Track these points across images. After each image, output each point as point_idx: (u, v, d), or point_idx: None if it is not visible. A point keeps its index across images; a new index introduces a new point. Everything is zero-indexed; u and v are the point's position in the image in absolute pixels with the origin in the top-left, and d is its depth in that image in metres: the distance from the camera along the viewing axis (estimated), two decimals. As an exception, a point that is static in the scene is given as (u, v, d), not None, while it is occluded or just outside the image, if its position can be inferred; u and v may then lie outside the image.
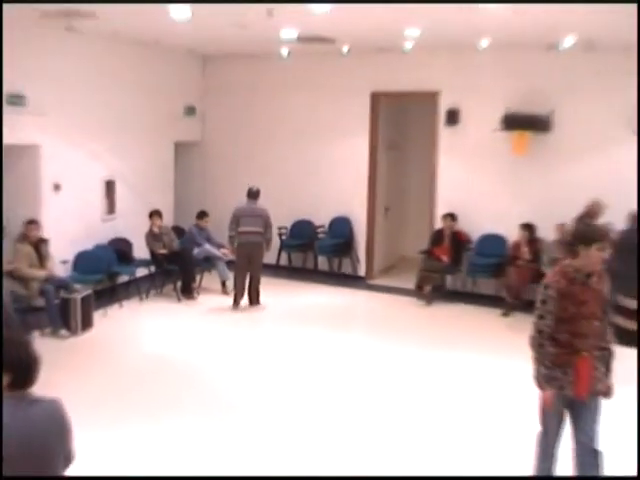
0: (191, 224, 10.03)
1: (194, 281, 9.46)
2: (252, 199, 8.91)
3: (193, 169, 11.45)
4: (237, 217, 8.83)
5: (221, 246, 9.69)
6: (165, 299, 9.27)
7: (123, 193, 9.61)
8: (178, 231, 10.16)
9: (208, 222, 9.88)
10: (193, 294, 9.31)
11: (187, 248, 9.54)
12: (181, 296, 9.20)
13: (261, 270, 9.06)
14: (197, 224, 9.86)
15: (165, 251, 9.30)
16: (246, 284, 8.92)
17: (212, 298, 9.35)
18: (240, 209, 8.89)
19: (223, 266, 9.59)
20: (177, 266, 9.25)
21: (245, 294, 8.95)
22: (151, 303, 9.10)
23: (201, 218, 9.86)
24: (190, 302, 9.15)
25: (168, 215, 10.21)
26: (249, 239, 8.78)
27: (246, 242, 8.79)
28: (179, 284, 9.32)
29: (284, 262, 10.82)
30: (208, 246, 9.67)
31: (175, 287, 9.29)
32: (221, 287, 9.57)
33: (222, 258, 9.61)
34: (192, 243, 9.67)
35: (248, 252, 8.81)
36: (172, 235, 9.66)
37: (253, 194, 8.92)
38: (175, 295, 9.22)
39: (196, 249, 9.59)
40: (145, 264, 9.46)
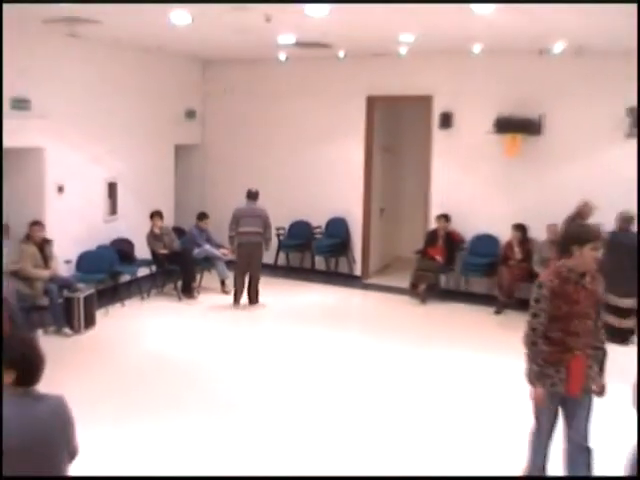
0: (191, 225, 10.11)
1: (194, 280, 9.55)
2: (251, 200, 9.01)
3: (193, 171, 11.52)
4: (237, 218, 8.93)
5: (221, 246, 9.80)
6: (166, 298, 9.35)
7: (125, 195, 9.68)
8: (179, 232, 10.23)
9: (208, 224, 9.96)
10: (193, 293, 9.41)
11: (187, 248, 9.63)
12: (182, 295, 9.31)
13: (260, 270, 9.16)
14: (197, 225, 9.95)
15: (166, 251, 9.39)
16: (246, 283, 9.03)
17: (212, 297, 9.44)
18: (240, 210, 8.99)
19: (222, 266, 9.70)
20: (178, 266, 9.35)
21: (245, 293, 9.07)
22: (152, 302, 9.18)
23: (201, 219, 9.95)
24: (190, 301, 9.25)
25: (169, 216, 10.29)
26: (249, 239, 8.88)
27: (246, 242, 8.89)
28: (180, 283, 9.41)
29: (282, 262, 10.90)
30: (208, 246, 9.76)
31: (176, 286, 9.39)
32: (220, 286, 9.66)
33: (221, 258, 9.70)
34: (192, 243, 9.76)
35: (248, 252, 8.90)
36: (173, 235, 9.75)
37: (252, 195, 9.02)
38: (176, 294, 9.32)
39: (196, 249, 9.67)
40: (146, 264, 9.56)
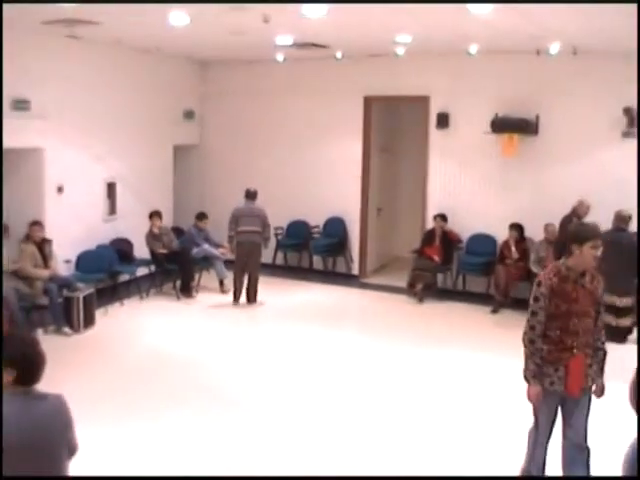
0: (190, 225, 10.15)
1: (193, 280, 9.58)
2: (250, 200, 9.07)
3: (192, 171, 11.55)
4: (236, 217, 8.99)
5: (219, 245, 9.84)
6: (165, 297, 9.39)
7: (124, 195, 9.72)
8: (177, 231, 10.27)
9: (207, 223, 10.00)
10: (192, 292, 9.45)
11: (186, 248, 9.67)
12: (180, 294, 9.35)
13: (259, 269, 9.21)
14: (196, 225, 9.98)
15: (165, 251, 9.43)
16: (244, 282, 9.07)
17: (210, 296, 9.48)
18: (239, 209, 9.04)
19: (221, 265, 9.74)
20: (176, 265, 9.40)
21: (243, 292, 9.11)
22: (151, 301, 9.22)
23: (200, 219, 9.98)
24: (189, 300, 9.29)
25: (168, 216, 10.32)
26: (248, 238, 8.93)
27: (245, 241, 8.94)
28: (178, 283, 9.45)
29: (280, 261, 10.95)
30: (207, 246, 9.80)
31: (174, 286, 9.43)
32: (219, 285, 9.69)
33: (220, 257, 9.74)
34: (191, 243, 9.80)
35: (247, 251, 8.95)
36: (171, 235, 9.79)
37: (251, 195, 9.07)
38: (175, 293, 9.36)
39: (195, 249, 9.71)
40: (145, 263, 9.59)
